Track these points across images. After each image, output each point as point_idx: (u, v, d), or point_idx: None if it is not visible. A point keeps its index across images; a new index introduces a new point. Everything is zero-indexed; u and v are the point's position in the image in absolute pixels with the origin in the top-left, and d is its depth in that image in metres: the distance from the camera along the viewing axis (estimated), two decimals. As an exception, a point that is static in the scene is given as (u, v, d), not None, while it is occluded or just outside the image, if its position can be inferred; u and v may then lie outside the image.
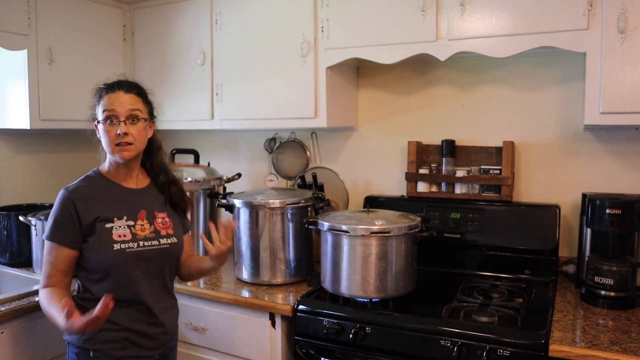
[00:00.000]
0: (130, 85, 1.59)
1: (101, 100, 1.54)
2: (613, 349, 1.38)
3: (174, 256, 1.62)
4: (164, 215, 1.62)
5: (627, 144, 1.97)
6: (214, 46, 2.39)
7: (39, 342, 1.81)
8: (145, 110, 1.58)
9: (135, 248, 1.51)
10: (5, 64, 2.29)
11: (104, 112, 1.52)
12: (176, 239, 1.61)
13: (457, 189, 2.18)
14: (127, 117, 1.51)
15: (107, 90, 1.56)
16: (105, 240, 1.49)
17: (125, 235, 1.51)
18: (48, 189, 2.63)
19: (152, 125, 1.63)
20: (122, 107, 1.51)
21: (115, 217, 1.53)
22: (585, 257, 1.86)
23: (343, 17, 2.07)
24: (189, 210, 1.77)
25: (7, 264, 2.19)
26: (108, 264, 1.49)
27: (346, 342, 1.67)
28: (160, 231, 1.58)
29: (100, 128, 1.54)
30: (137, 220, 1.56)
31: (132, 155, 1.53)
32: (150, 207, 1.61)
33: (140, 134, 1.54)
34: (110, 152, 1.53)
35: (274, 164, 2.66)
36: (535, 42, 1.76)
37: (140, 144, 1.55)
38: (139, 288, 1.52)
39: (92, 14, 2.46)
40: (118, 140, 1.50)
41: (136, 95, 1.57)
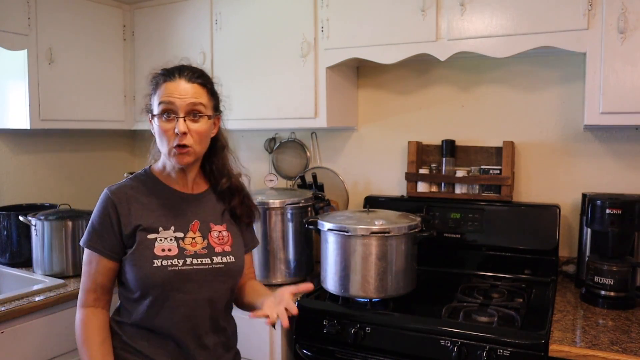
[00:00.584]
0: (193, 72, 1.31)
1: (157, 90, 1.29)
2: (613, 349, 1.38)
3: (230, 279, 1.34)
4: (221, 229, 1.36)
5: (627, 144, 1.97)
6: (214, 46, 2.39)
7: (39, 342, 1.80)
8: (210, 104, 1.32)
9: (180, 266, 1.25)
10: (5, 64, 2.29)
11: (160, 105, 1.26)
12: (234, 257, 1.34)
13: (457, 189, 2.18)
14: (188, 113, 1.26)
15: (165, 78, 1.29)
16: (144, 253, 1.25)
17: (171, 250, 1.26)
18: (48, 189, 2.63)
19: (217, 122, 1.37)
20: (182, 99, 1.25)
21: (160, 226, 1.29)
22: (585, 257, 1.86)
23: (343, 17, 2.07)
24: (256, 222, 1.49)
25: (7, 264, 2.19)
26: (146, 283, 1.24)
27: (346, 342, 1.67)
28: (214, 247, 1.32)
29: (155, 123, 1.29)
30: (188, 233, 1.31)
31: (191, 160, 1.29)
32: (206, 217, 1.35)
33: (202, 133, 1.28)
34: (166, 154, 1.29)
35: (274, 164, 2.66)
36: (535, 42, 1.76)
37: (201, 146, 1.30)
38: (181, 317, 1.26)
39: (92, 14, 2.46)
40: (175, 140, 1.25)
41: (200, 85, 1.29)
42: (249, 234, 1.47)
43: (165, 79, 1.29)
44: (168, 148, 1.27)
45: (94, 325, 1.28)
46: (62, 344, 1.88)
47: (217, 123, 1.37)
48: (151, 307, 1.26)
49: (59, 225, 2.07)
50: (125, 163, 3.05)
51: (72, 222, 2.09)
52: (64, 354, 1.89)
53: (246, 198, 1.44)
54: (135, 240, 1.26)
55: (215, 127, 1.36)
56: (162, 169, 1.37)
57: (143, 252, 1.25)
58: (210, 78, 1.36)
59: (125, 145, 3.07)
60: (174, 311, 1.26)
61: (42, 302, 1.81)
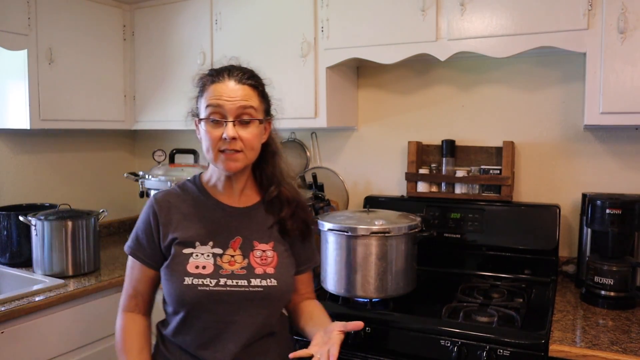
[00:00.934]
0: (244, 72, 1.22)
1: (205, 92, 1.21)
2: (613, 349, 1.38)
3: (270, 304, 1.22)
4: (266, 247, 1.24)
5: (627, 144, 1.97)
6: (214, 46, 2.39)
7: (39, 342, 1.81)
8: (261, 107, 1.23)
9: (212, 287, 1.16)
10: (5, 64, 2.29)
11: (208, 108, 1.18)
12: (276, 281, 1.20)
13: (457, 189, 2.18)
14: (237, 117, 1.17)
15: (213, 79, 1.20)
16: (177, 269, 1.18)
17: (205, 268, 1.17)
18: (48, 189, 2.63)
19: (268, 127, 1.27)
20: (231, 102, 1.16)
21: (198, 241, 1.20)
22: (585, 257, 1.86)
23: (343, 17, 2.07)
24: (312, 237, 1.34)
25: (7, 264, 2.19)
26: (176, 299, 1.18)
27: (346, 342, 1.66)
28: (254, 268, 1.20)
29: (202, 127, 1.20)
30: (227, 250, 1.21)
31: (240, 166, 1.20)
32: (250, 234, 1.24)
33: (253, 139, 1.19)
34: (212, 159, 1.20)
35: (274, 164, 2.65)
36: (535, 42, 1.76)
37: (252, 153, 1.21)
38: (210, 339, 1.18)
39: (92, 14, 2.46)
40: (223, 145, 1.17)
41: (251, 87, 1.21)
42: (305, 251, 1.33)
43: (213, 80, 1.20)
44: (215, 154, 1.19)
45: (133, 332, 1.26)
46: (62, 344, 1.88)
47: (267, 128, 1.27)
48: (182, 324, 1.20)
49: (59, 225, 2.07)
50: (125, 163, 3.04)
51: (72, 222, 2.09)
52: (64, 354, 1.90)
53: (300, 210, 1.30)
54: (171, 253, 1.20)
55: (265, 133, 1.27)
56: (209, 178, 1.30)
57: (176, 268, 1.18)
58: (261, 79, 1.26)
59: (125, 145, 3.07)
60: (203, 333, 1.18)
61: (42, 302, 1.81)
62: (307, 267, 1.36)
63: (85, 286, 1.97)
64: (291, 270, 1.28)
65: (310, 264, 1.37)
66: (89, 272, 2.14)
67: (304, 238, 1.32)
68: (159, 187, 2.22)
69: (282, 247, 1.27)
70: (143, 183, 2.26)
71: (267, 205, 1.29)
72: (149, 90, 2.60)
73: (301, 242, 1.32)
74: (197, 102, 1.25)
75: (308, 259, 1.36)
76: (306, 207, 1.33)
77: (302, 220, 1.30)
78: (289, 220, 1.27)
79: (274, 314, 1.25)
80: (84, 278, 2.07)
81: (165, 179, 2.19)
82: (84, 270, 2.12)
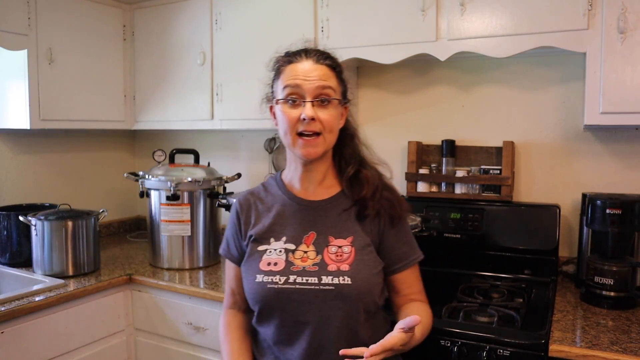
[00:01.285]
0: (321, 53, 1.18)
1: (281, 74, 1.17)
2: (613, 349, 1.38)
3: (344, 304, 1.11)
4: (343, 243, 1.15)
5: (627, 144, 1.97)
6: (214, 46, 2.39)
7: (39, 342, 1.81)
8: (339, 89, 1.18)
9: (280, 284, 1.11)
10: (5, 64, 2.29)
11: (285, 89, 1.13)
12: (351, 279, 1.11)
13: (457, 189, 2.18)
14: (316, 97, 1.12)
15: (290, 59, 1.18)
16: (251, 266, 1.16)
17: (277, 264, 1.13)
18: (48, 189, 2.63)
19: (345, 112, 1.22)
20: (309, 81, 1.12)
21: (272, 237, 1.17)
22: (585, 257, 1.86)
23: (343, 17, 2.07)
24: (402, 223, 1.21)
25: (7, 264, 2.19)
26: (250, 297, 1.17)
27: (346, 342, 1.67)
28: (327, 265, 1.12)
29: (278, 110, 1.16)
30: (300, 245, 1.15)
31: (319, 152, 1.14)
32: (325, 229, 1.17)
33: (332, 120, 1.13)
34: (290, 144, 1.15)
35: (274, 164, 2.66)
36: (535, 42, 1.76)
37: (330, 135, 1.15)
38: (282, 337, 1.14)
39: (92, 14, 2.46)
40: (301, 127, 1.11)
41: (329, 67, 1.16)
42: (400, 246, 1.20)
43: (290, 60, 1.17)
44: (292, 137, 1.13)
45: (233, 325, 1.27)
46: (62, 344, 1.88)
47: (344, 114, 1.22)
48: (260, 319, 1.19)
49: (59, 225, 2.07)
50: (125, 163, 3.05)
51: (72, 222, 2.09)
52: (64, 353, 1.90)
53: (383, 189, 1.19)
54: (248, 251, 1.20)
55: (343, 117, 1.21)
56: (287, 171, 1.25)
57: (250, 265, 1.17)
58: (339, 61, 1.21)
59: (125, 145, 3.07)
60: (279, 330, 1.15)
61: (42, 302, 1.81)
62: (403, 264, 1.21)
63: (85, 286, 1.97)
64: (373, 268, 1.16)
65: (408, 262, 1.22)
66: (89, 272, 2.14)
67: (393, 224, 1.19)
68: (159, 187, 2.22)
69: (363, 242, 1.16)
70: (143, 183, 2.26)
71: (348, 190, 1.19)
72: (149, 90, 2.60)
73: (394, 236, 1.20)
74: (273, 86, 1.20)
75: (404, 255, 1.22)
76: (392, 188, 1.22)
77: (386, 200, 1.18)
78: (369, 201, 1.17)
79: (353, 315, 1.13)
80: (84, 278, 2.07)
81: (165, 179, 2.19)
82: (84, 270, 2.12)
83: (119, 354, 2.12)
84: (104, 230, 2.86)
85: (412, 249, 1.24)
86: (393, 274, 1.22)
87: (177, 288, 2.01)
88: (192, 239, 2.25)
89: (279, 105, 1.15)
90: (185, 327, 2.01)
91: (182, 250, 2.25)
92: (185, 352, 2.03)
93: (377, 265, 1.18)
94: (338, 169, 1.24)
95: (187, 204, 2.23)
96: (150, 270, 2.21)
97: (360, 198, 1.17)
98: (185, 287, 2.00)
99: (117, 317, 2.11)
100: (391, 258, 1.21)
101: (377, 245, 1.20)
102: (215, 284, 2.03)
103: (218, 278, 2.12)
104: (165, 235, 2.24)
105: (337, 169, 1.24)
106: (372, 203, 1.17)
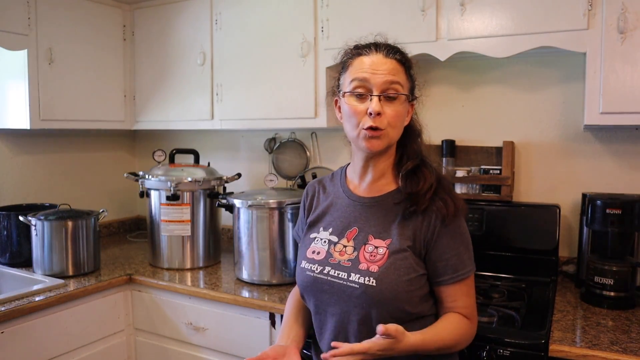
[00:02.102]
0: (391, 47, 1.17)
1: (349, 66, 1.16)
2: (613, 349, 1.38)
3: (367, 305, 1.10)
4: (380, 244, 1.13)
5: (627, 144, 1.97)
6: (214, 46, 2.39)
7: (39, 342, 1.81)
8: (407, 85, 1.16)
9: (316, 273, 1.15)
10: (5, 64, 2.29)
11: (353, 82, 1.12)
12: (376, 281, 1.09)
13: (457, 189, 2.18)
14: (383, 91, 1.11)
15: (359, 52, 1.16)
16: (302, 252, 1.22)
17: (319, 254, 1.17)
18: (48, 189, 2.63)
19: (411, 110, 1.21)
20: (377, 75, 1.10)
21: (322, 226, 1.21)
22: (585, 257, 1.86)
23: (343, 17, 2.07)
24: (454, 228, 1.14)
25: (7, 264, 2.19)
26: (297, 281, 1.22)
27: (346, 342, 1.67)
28: (360, 263, 1.12)
29: (344, 104, 1.15)
30: (342, 239, 1.17)
31: (382, 146, 1.13)
32: (368, 227, 1.16)
33: (397, 116, 1.12)
34: (354, 137, 1.14)
35: (274, 164, 2.66)
36: (535, 42, 1.76)
37: (395, 131, 1.14)
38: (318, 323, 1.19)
39: (92, 14, 2.46)
40: (367, 122, 1.10)
41: (398, 62, 1.15)
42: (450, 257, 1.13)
43: (359, 52, 1.15)
44: (357, 131, 1.12)
45: (294, 299, 1.35)
46: (62, 344, 1.89)
47: (410, 111, 1.20)
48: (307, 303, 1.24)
49: (59, 225, 2.07)
50: (125, 163, 3.05)
51: (72, 222, 2.10)
52: (64, 353, 1.90)
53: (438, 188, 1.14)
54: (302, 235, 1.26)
55: (409, 115, 1.19)
56: (351, 165, 1.25)
57: (301, 250, 1.23)
58: (408, 57, 1.19)
59: (125, 145, 3.07)
60: (315, 316, 1.21)
61: (42, 302, 1.81)
62: (448, 278, 1.14)
63: (85, 286, 1.97)
64: (404, 275, 1.11)
65: (454, 276, 1.14)
66: (89, 272, 2.14)
67: (444, 230, 1.13)
68: (159, 187, 2.22)
69: (400, 246, 1.12)
70: (143, 183, 2.26)
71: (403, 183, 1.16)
72: (149, 90, 2.60)
73: (444, 246, 1.13)
74: (340, 79, 1.19)
75: (452, 269, 1.14)
76: (451, 189, 1.16)
77: (441, 200, 1.13)
78: (421, 197, 1.12)
79: (372, 317, 1.10)
80: (84, 278, 2.07)
81: (165, 179, 2.20)
82: (84, 270, 2.12)
83: (119, 354, 2.12)
84: (104, 230, 2.86)
85: (461, 262, 1.15)
86: (437, 285, 1.17)
87: (177, 288, 2.01)
88: (192, 239, 2.26)
89: (345, 98, 1.14)
90: (185, 327, 2.01)
91: (182, 250, 2.25)
92: (185, 352, 2.03)
93: (410, 272, 1.12)
94: (398, 165, 1.21)
95: (187, 204, 2.23)
96: (150, 270, 2.21)
97: (413, 192, 1.14)
98: (185, 287, 2.00)
99: (117, 317, 2.11)
100: (436, 269, 1.16)
101: (422, 252, 1.15)
102: (215, 284, 2.03)
103: (218, 278, 2.12)
104: (165, 235, 2.24)
105: (397, 166, 1.21)
106: (423, 200, 1.13)
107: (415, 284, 1.13)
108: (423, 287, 1.15)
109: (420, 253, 1.15)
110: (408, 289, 1.11)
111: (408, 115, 1.19)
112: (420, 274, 1.14)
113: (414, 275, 1.12)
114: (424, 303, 1.16)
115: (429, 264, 1.16)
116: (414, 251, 1.14)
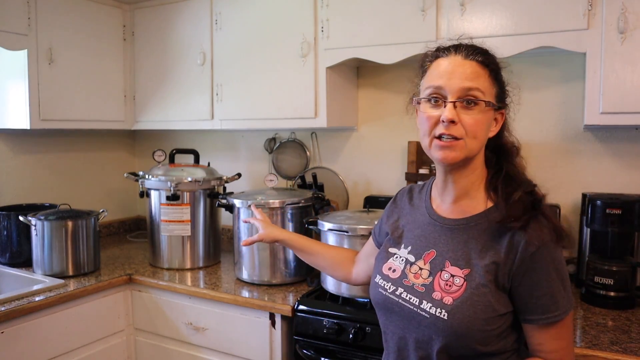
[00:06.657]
0: (474, 49, 1.05)
1: (427, 71, 1.07)
2: (613, 349, 1.38)
3: (438, 337, 1.00)
4: (457, 272, 1.01)
5: (627, 144, 1.97)
6: (214, 46, 2.39)
7: (39, 342, 1.81)
8: (491, 91, 1.03)
9: (388, 292, 1.08)
10: (5, 64, 2.29)
11: (427, 89, 1.03)
12: (447, 315, 0.98)
13: (457, 189, 2.18)
14: (460, 97, 0.99)
15: (437, 54, 1.06)
16: (378, 264, 1.15)
17: (395, 272, 1.10)
18: (48, 189, 2.63)
19: (501, 119, 1.07)
20: (453, 80, 1.00)
21: (403, 243, 1.13)
22: (585, 257, 1.86)
23: (343, 17, 2.07)
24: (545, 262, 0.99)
25: (7, 264, 2.19)
26: (370, 292, 1.16)
27: (346, 342, 1.67)
28: (434, 291, 1.02)
29: (419, 111, 1.05)
30: (419, 260, 1.08)
31: (457, 157, 1.00)
32: (447, 252, 1.05)
33: (476, 125, 0.99)
34: (427, 147, 1.04)
35: (274, 164, 2.66)
36: (536, 42, 1.76)
37: (474, 142, 1.01)
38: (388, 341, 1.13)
39: (92, 14, 2.46)
40: (440, 130, 1.00)
41: (480, 64, 1.03)
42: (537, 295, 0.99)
43: (438, 55, 1.06)
44: (429, 139, 1.02)
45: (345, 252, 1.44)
46: (62, 344, 1.89)
47: (499, 120, 1.07)
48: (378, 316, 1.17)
49: (59, 225, 2.07)
50: (125, 163, 3.05)
51: (72, 222, 2.10)
52: (64, 354, 1.90)
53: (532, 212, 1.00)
54: (382, 244, 1.19)
55: (496, 125, 1.06)
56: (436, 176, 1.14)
57: (377, 263, 1.16)
58: (496, 59, 1.07)
59: (125, 145, 3.07)
60: (383, 335, 1.15)
61: (42, 302, 1.81)
62: (539, 319, 1.00)
63: (85, 286, 1.97)
64: (482, 313, 0.98)
65: (542, 318, 0.99)
66: (89, 272, 2.14)
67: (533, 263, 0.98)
68: (159, 187, 2.22)
69: (480, 281, 0.99)
70: (143, 183, 2.26)
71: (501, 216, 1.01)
72: (149, 90, 2.60)
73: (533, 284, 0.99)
74: (419, 85, 1.10)
75: (540, 309, 0.99)
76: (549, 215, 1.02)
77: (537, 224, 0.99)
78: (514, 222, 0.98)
79: (449, 353, 1.00)
80: (84, 278, 2.07)
81: (165, 179, 2.20)
82: (84, 270, 2.12)
83: (119, 354, 2.12)
84: (104, 230, 2.86)
85: (554, 302, 0.99)
86: (524, 322, 1.03)
87: (177, 288, 2.01)
88: (192, 239, 2.26)
89: (420, 104, 1.04)
90: (185, 327, 2.01)
91: (182, 250, 2.25)
92: (185, 352, 2.03)
93: (488, 311, 0.98)
94: (493, 186, 1.07)
95: (187, 204, 2.23)
96: (150, 270, 2.21)
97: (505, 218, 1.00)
98: (185, 287, 2.00)
99: (117, 317, 2.11)
100: (523, 307, 1.01)
101: (506, 286, 1.01)
102: (216, 284, 2.03)
103: (218, 278, 2.12)
104: (165, 235, 2.24)
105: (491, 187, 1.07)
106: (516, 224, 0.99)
107: (493, 324, 0.99)
108: (503, 325, 1.01)
109: (505, 287, 1.00)
110: (483, 328, 0.98)
111: (496, 124, 1.06)
112: (501, 314, 1.00)
113: (492, 315, 0.99)
114: (502, 340, 1.02)
115: (516, 299, 1.01)
116: (496, 285, 1.00)
